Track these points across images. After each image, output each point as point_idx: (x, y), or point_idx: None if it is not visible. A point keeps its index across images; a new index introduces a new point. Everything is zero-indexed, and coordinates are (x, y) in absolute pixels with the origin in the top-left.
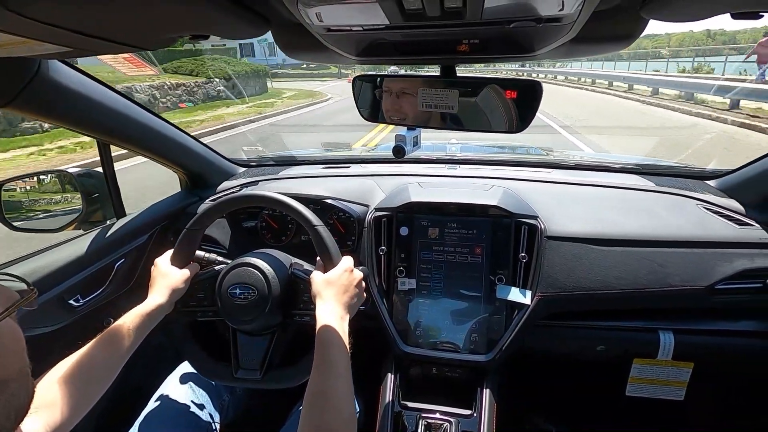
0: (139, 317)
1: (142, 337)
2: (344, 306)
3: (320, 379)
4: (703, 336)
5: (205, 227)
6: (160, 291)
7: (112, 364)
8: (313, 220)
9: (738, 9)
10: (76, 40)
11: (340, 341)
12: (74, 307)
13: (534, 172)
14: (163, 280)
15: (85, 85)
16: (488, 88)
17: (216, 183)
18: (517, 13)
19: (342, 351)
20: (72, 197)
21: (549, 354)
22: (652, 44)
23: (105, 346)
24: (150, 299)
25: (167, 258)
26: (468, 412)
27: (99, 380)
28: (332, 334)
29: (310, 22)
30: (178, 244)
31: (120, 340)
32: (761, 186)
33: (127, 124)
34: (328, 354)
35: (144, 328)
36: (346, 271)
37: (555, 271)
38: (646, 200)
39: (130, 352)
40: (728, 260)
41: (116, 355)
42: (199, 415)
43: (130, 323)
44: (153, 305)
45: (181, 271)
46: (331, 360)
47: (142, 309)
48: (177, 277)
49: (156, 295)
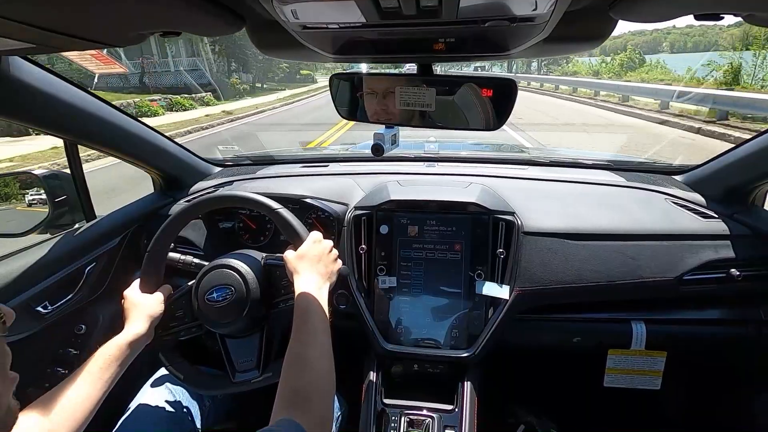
0: (118, 348)
1: (123, 369)
2: (321, 275)
3: (298, 344)
4: (674, 325)
5: (169, 243)
6: (138, 320)
7: (91, 398)
8: (272, 204)
9: (701, 11)
10: (40, 36)
11: (319, 308)
12: (42, 314)
13: (511, 169)
14: (137, 309)
15: (50, 84)
16: (465, 86)
17: (190, 183)
18: (491, 13)
19: (321, 317)
20: (38, 200)
21: (528, 347)
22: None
23: (84, 381)
24: (128, 329)
25: (136, 287)
26: (450, 407)
27: (79, 414)
28: (310, 302)
29: (285, 20)
30: (144, 268)
31: (98, 373)
32: (724, 180)
33: (97, 124)
34: (307, 321)
35: (125, 359)
36: (315, 242)
37: (532, 265)
38: (617, 195)
39: (110, 385)
40: (694, 252)
41: (95, 388)
42: (181, 420)
43: (109, 355)
44: (131, 335)
45: (154, 296)
46: (310, 326)
47: (122, 340)
48: (151, 303)
49: (134, 325)
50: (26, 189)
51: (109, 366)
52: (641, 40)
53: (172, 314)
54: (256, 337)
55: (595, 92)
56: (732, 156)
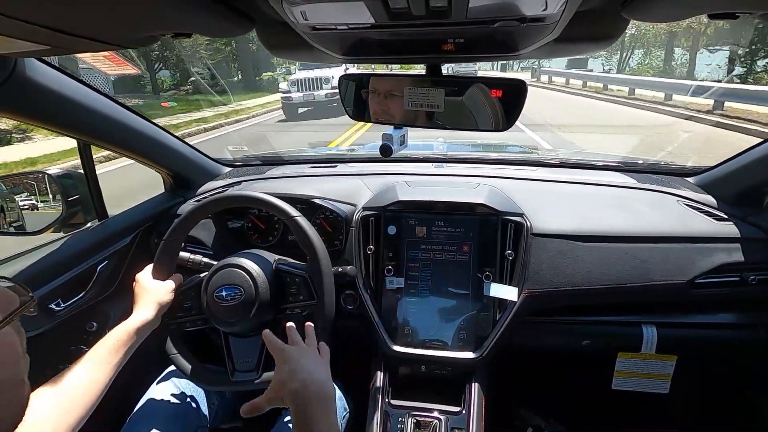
0: (126, 333)
1: (130, 354)
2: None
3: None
4: (685, 329)
5: (184, 235)
6: (146, 306)
7: (99, 382)
8: (291, 211)
9: (715, 10)
10: (54, 37)
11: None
12: (55, 312)
13: (519, 171)
14: (147, 294)
15: (64, 84)
16: (474, 87)
17: (200, 183)
18: (501, 13)
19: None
20: (52, 199)
21: (536, 349)
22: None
23: (92, 364)
24: (136, 314)
25: (148, 272)
26: (457, 409)
27: (87, 398)
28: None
29: (295, 21)
30: (158, 256)
31: (107, 357)
32: (737, 182)
33: (109, 124)
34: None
35: (131, 344)
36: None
37: (541, 267)
38: (628, 197)
39: (117, 369)
40: (707, 255)
41: (103, 372)
42: (188, 418)
43: (116, 340)
44: (139, 321)
45: (165, 283)
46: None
47: (129, 325)
48: (162, 290)
49: (142, 310)
50: (40, 188)
51: (118, 351)
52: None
53: (180, 305)
54: (260, 339)
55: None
56: (746, 158)
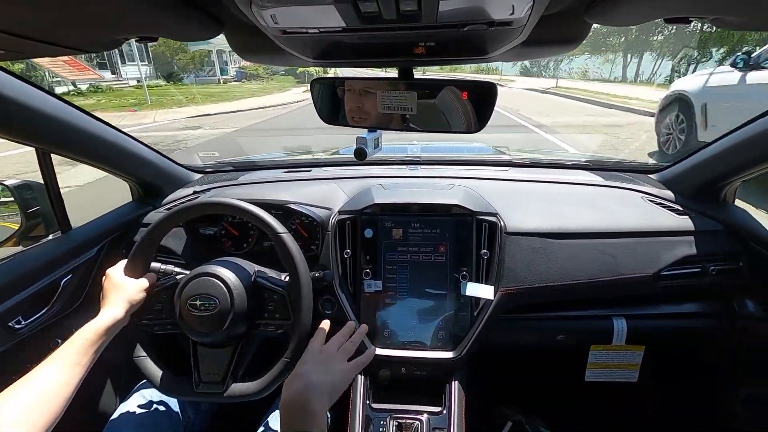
0: (95, 333)
1: (99, 353)
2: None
3: None
4: (653, 320)
5: (163, 235)
6: (115, 303)
7: (69, 384)
8: (277, 227)
9: (671, 14)
10: (9, 41)
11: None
12: (16, 330)
13: (492, 171)
14: (117, 291)
15: (19, 90)
16: (445, 89)
17: (169, 191)
18: (470, 17)
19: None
20: (8, 211)
21: (513, 346)
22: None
23: (59, 365)
24: (104, 312)
25: (120, 268)
26: (438, 410)
27: (57, 400)
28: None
29: (265, 24)
30: (134, 252)
31: (75, 358)
32: (696, 178)
33: (70, 132)
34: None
35: (100, 344)
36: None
37: (515, 265)
38: (596, 194)
39: (86, 369)
40: (671, 248)
41: (73, 373)
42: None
43: (85, 339)
44: (108, 319)
45: (137, 281)
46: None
47: (98, 324)
48: (133, 288)
49: (111, 307)
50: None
51: (86, 351)
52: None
53: (151, 306)
54: (229, 352)
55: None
56: (703, 154)
